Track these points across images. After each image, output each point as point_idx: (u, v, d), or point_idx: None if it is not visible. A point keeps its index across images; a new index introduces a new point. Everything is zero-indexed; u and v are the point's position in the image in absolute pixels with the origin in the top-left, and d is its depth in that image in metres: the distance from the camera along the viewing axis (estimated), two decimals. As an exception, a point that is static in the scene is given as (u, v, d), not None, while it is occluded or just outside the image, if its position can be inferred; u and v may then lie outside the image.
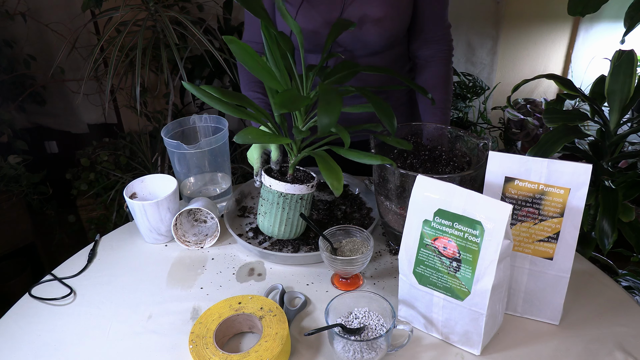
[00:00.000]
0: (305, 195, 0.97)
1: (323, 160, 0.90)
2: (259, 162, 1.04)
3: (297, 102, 0.83)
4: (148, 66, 1.79)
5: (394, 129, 0.85)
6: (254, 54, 0.87)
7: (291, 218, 0.98)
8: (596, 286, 0.92)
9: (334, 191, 0.86)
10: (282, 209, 0.97)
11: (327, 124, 0.74)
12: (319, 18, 1.09)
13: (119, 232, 1.12)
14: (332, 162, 0.90)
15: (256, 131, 0.87)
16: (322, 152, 0.93)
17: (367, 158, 0.89)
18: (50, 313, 0.90)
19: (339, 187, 0.86)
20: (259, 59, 0.88)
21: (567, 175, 0.75)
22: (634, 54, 1.02)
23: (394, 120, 0.85)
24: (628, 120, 1.10)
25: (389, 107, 0.86)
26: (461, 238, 0.73)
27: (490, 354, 0.79)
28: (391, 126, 0.85)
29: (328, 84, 0.91)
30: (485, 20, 2.31)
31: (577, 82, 2.33)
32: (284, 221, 0.98)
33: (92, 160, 2.12)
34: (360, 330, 0.79)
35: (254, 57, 0.87)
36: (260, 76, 0.88)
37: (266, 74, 0.89)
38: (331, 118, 0.75)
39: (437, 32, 1.17)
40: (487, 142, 0.92)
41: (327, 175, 0.87)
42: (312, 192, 0.98)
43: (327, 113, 0.75)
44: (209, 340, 0.77)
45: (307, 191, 0.97)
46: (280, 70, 0.91)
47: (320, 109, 0.75)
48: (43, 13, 2.07)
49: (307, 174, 1.01)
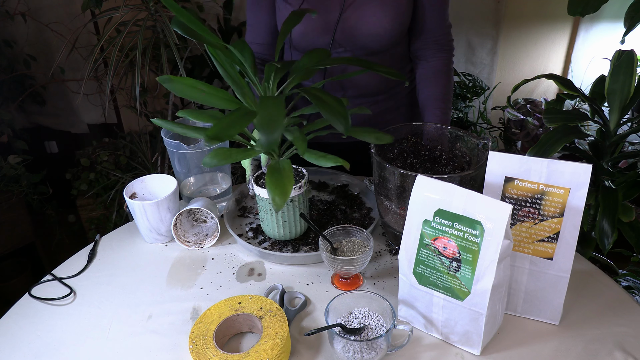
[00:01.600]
0: (294, 198, 0.96)
1: (273, 171, 0.84)
2: (250, 170, 1.04)
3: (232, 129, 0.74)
4: (148, 66, 1.79)
5: (344, 128, 0.74)
6: (195, 85, 0.83)
7: (287, 220, 0.98)
8: (596, 286, 0.92)
9: (274, 207, 0.79)
10: (276, 213, 0.97)
11: (267, 142, 0.69)
12: (318, 18, 1.09)
13: (119, 232, 1.12)
14: (286, 174, 0.83)
15: (222, 152, 0.84)
16: (284, 161, 0.88)
17: (322, 160, 0.86)
18: (50, 313, 0.90)
19: (279, 204, 0.78)
20: (202, 86, 0.84)
21: (567, 175, 0.75)
22: (634, 54, 1.02)
23: (343, 120, 0.75)
24: (628, 120, 1.10)
25: (339, 104, 0.77)
26: (461, 238, 0.73)
27: (490, 354, 0.79)
28: (340, 125, 0.74)
29: (269, 96, 0.84)
30: (485, 20, 2.31)
31: (577, 82, 2.33)
32: (282, 224, 0.99)
33: (92, 160, 2.12)
34: (360, 330, 0.79)
35: (196, 87, 0.83)
36: (210, 103, 0.84)
37: (215, 99, 0.84)
38: (272, 135, 0.69)
39: (438, 32, 1.16)
40: (487, 142, 0.92)
41: (271, 188, 0.80)
42: (300, 193, 0.96)
43: (268, 130, 0.69)
44: (209, 340, 0.77)
45: (294, 193, 0.95)
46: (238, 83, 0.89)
47: (260, 126, 0.69)
48: (43, 13, 2.07)
49: (297, 175, 1.00)
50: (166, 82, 0.81)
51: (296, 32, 1.11)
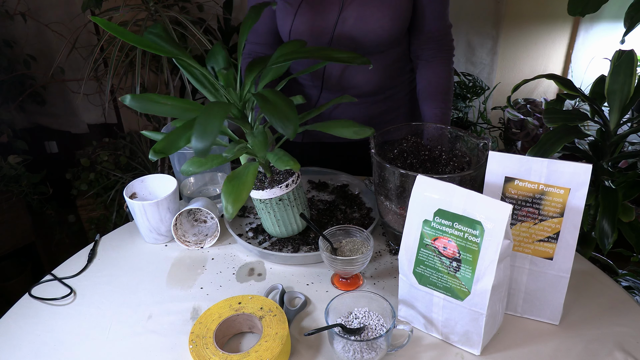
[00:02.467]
0: (282, 196, 0.95)
1: (231, 178, 0.85)
2: None
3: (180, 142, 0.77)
4: (148, 66, 1.79)
5: (292, 132, 0.72)
6: (157, 100, 0.83)
7: (280, 219, 0.98)
8: (596, 286, 0.92)
9: (225, 215, 0.79)
10: (268, 212, 0.97)
11: (199, 149, 0.69)
12: (317, 18, 1.09)
13: (119, 232, 1.12)
14: (245, 179, 0.84)
15: (198, 162, 0.87)
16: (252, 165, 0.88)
17: (279, 162, 0.86)
18: (50, 313, 0.90)
19: (231, 212, 0.80)
20: (165, 99, 0.84)
21: (567, 175, 0.75)
22: (634, 54, 1.02)
23: (290, 125, 0.72)
24: (628, 120, 1.10)
25: (289, 107, 0.75)
26: (461, 238, 0.73)
27: (490, 354, 0.79)
28: (287, 129, 0.72)
29: (217, 102, 0.82)
30: (485, 20, 2.31)
31: (577, 82, 2.33)
32: (276, 222, 0.99)
33: (92, 160, 2.12)
34: (360, 330, 0.79)
35: (159, 102, 0.83)
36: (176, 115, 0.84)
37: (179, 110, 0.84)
38: (204, 142, 0.69)
39: (438, 32, 1.16)
40: (487, 142, 0.92)
41: (224, 195, 0.82)
42: (288, 191, 0.95)
43: (201, 137, 0.69)
44: (209, 340, 0.77)
45: (281, 192, 0.94)
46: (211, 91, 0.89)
47: (194, 132, 0.70)
48: (43, 13, 2.07)
49: (288, 174, 0.98)
50: (128, 101, 0.81)
51: (295, 32, 1.11)
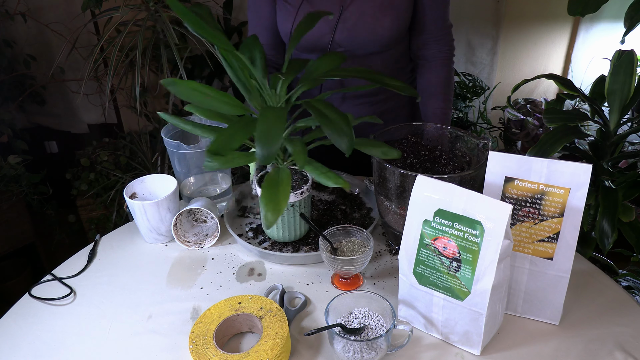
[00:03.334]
0: (295, 203, 0.95)
1: (270, 183, 0.81)
2: (254, 170, 1.03)
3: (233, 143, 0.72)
4: (148, 66, 1.79)
5: (347, 147, 0.72)
6: (199, 88, 0.82)
7: (287, 224, 0.98)
8: (596, 286, 0.92)
9: (264, 223, 0.76)
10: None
11: (264, 156, 0.67)
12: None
13: (119, 232, 1.12)
14: (283, 188, 0.80)
15: (223, 158, 0.83)
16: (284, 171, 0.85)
17: (323, 177, 0.84)
18: (50, 313, 0.90)
19: (271, 221, 0.75)
20: (207, 89, 0.82)
21: (567, 175, 0.75)
22: (634, 54, 1.02)
23: (346, 139, 0.72)
24: (628, 120, 1.10)
25: (344, 121, 0.74)
26: (461, 238, 0.73)
27: (490, 354, 0.79)
28: (343, 145, 0.72)
29: (271, 107, 0.81)
30: (485, 20, 2.31)
31: (577, 82, 2.33)
32: (282, 227, 0.99)
33: (92, 160, 2.12)
34: (360, 330, 0.79)
35: (200, 91, 0.82)
36: (214, 107, 0.82)
37: (219, 103, 0.82)
38: (270, 149, 0.67)
39: (438, 32, 1.17)
40: (487, 142, 0.92)
41: (264, 203, 0.78)
42: (301, 199, 0.95)
43: (265, 143, 0.67)
44: (209, 340, 0.77)
45: (295, 199, 0.94)
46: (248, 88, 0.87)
47: (257, 138, 0.67)
48: (43, 13, 2.07)
49: (302, 178, 0.99)
50: (170, 85, 0.80)
51: (296, 32, 1.11)
